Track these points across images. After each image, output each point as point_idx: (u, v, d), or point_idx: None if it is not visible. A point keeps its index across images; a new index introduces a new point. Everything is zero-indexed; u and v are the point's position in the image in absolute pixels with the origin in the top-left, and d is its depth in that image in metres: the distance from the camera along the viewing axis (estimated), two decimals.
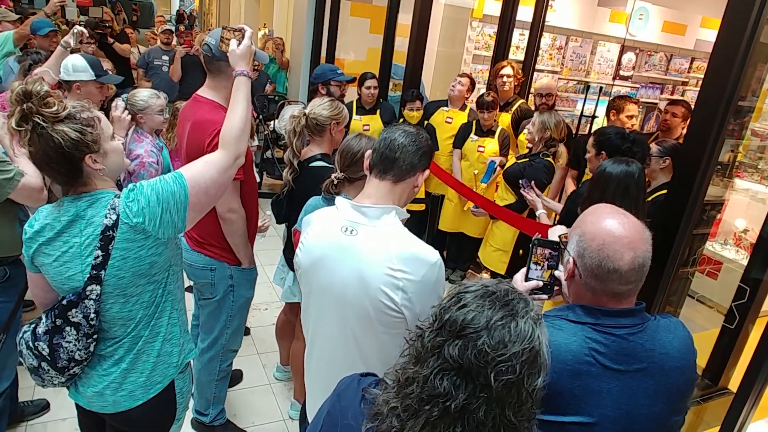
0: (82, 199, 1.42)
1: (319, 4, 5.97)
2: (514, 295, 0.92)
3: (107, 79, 2.87)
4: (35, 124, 1.32)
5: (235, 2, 11.80)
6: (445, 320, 0.89)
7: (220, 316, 2.38)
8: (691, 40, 7.07)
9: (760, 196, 4.31)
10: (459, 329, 0.87)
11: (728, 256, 4.24)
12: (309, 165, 2.42)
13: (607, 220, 1.20)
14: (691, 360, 1.26)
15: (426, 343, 0.90)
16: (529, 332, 0.87)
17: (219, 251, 2.28)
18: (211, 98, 2.13)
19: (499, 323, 0.87)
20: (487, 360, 0.84)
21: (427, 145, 1.49)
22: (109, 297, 1.43)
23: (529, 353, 0.86)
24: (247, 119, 1.67)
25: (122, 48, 6.75)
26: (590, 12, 6.40)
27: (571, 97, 6.53)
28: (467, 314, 0.88)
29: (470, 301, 0.90)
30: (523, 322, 0.88)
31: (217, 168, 1.56)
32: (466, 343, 0.86)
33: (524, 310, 0.90)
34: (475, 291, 0.92)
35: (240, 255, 2.30)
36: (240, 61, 1.77)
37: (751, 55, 1.99)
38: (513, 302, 0.90)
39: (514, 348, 0.85)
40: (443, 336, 0.88)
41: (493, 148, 4.03)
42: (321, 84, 3.67)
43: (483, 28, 5.88)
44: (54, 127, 1.33)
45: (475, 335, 0.86)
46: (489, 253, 3.67)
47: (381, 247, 1.37)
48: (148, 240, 1.42)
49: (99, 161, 1.41)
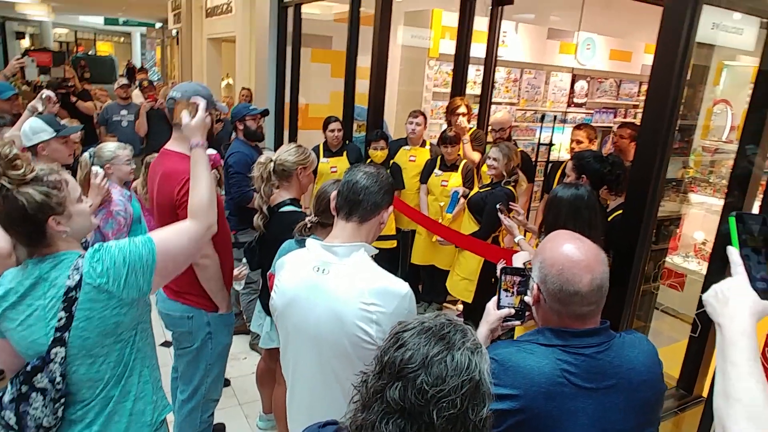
0: (45, 260, 1.41)
1: (280, 53, 6.11)
2: (450, 327, 0.91)
3: (67, 131, 2.88)
4: (0, 186, 1.33)
5: (197, 53, 11.93)
6: (385, 363, 0.89)
7: (199, 365, 2.37)
8: (637, 66, 7.44)
9: (715, 208, 4.51)
10: (398, 370, 0.87)
11: (690, 268, 4.40)
12: (279, 210, 2.47)
13: (564, 245, 1.26)
14: (657, 373, 1.30)
15: (370, 388, 0.90)
16: (465, 363, 0.87)
17: (196, 299, 2.29)
18: (178, 150, 2.18)
19: (436, 359, 0.86)
20: (427, 398, 0.84)
21: (388, 184, 1.55)
22: (74, 359, 1.40)
23: (469, 384, 0.86)
24: (212, 189, 1.71)
25: (86, 106, 6.73)
26: (540, 45, 6.70)
27: (530, 126, 6.76)
28: (405, 354, 0.88)
29: (408, 339, 0.90)
30: (459, 354, 0.87)
31: (188, 237, 1.58)
32: (405, 383, 0.86)
33: (461, 342, 0.90)
34: (412, 329, 0.92)
35: (217, 300, 2.31)
36: (195, 133, 1.82)
37: (685, 77, 2.15)
38: (449, 335, 0.90)
39: (453, 382, 0.85)
40: (384, 379, 0.88)
41: (456, 182, 4.14)
42: (238, 121, 3.80)
43: (440, 66, 6.09)
44: (19, 189, 1.34)
45: (414, 375, 0.86)
46: (456, 282, 3.72)
47: (352, 283, 1.42)
48: (112, 300, 1.40)
49: (63, 223, 1.41)
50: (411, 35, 6.11)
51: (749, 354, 0.90)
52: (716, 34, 2.76)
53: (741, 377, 0.87)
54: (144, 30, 21.74)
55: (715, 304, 0.99)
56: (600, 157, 2.82)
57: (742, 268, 1.00)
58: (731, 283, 0.99)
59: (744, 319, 0.94)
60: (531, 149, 5.85)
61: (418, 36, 6.08)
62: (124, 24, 22.29)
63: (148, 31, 20.71)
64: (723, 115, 5.02)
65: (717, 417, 0.89)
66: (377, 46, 4.13)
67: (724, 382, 0.89)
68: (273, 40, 6.14)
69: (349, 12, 4.55)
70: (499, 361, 1.20)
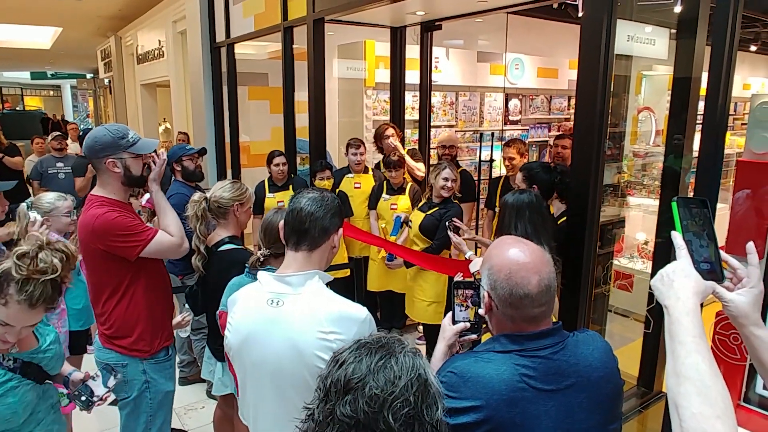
0: None
1: (216, 93, 6.07)
2: (386, 338, 0.93)
3: None
4: None
5: (131, 100, 11.69)
6: (329, 385, 0.89)
7: (140, 417, 2.25)
8: (564, 82, 7.82)
9: (652, 209, 4.74)
10: (344, 385, 0.86)
11: (637, 268, 4.57)
12: (218, 249, 2.40)
13: (509, 250, 1.27)
14: (612, 367, 1.31)
15: (318, 417, 0.88)
16: (410, 363, 0.88)
17: (129, 345, 2.20)
18: (99, 195, 2.16)
19: (380, 364, 0.87)
20: (380, 403, 0.84)
21: (335, 206, 1.52)
22: None
23: (418, 381, 0.87)
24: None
25: (13, 161, 6.45)
26: (471, 68, 6.95)
27: (470, 146, 6.94)
28: (347, 368, 0.88)
29: (347, 357, 0.90)
30: (402, 356, 0.89)
31: None
32: (354, 395, 0.85)
33: (400, 347, 0.91)
34: (348, 348, 0.92)
35: None
36: (153, 184, 2.19)
37: (610, 87, 2.26)
38: (387, 344, 0.91)
39: (402, 381, 0.86)
40: (332, 400, 0.87)
41: (405, 204, 4.17)
42: (175, 163, 3.74)
43: (378, 94, 6.19)
44: None
45: (361, 383, 0.85)
46: (423, 308, 3.66)
47: (309, 312, 1.38)
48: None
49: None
50: (346, 67, 6.21)
51: (695, 331, 0.92)
52: (632, 45, 2.94)
53: (689, 354, 0.89)
54: (74, 82, 21.20)
55: (661, 287, 1.02)
56: (548, 167, 2.93)
57: (685, 251, 1.03)
58: (675, 266, 1.03)
59: (688, 299, 0.97)
60: (473, 168, 5.98)
61: (353, 68, 6.18)
62: (53, 77, 21.68)
63: (79, 83, 20.21)
64: (647, 121, 5.32)
65: (670, 396, 0.90)
66: (313, 80, 4.17)
67: (673, 361, 0.91)
68: (208, 81, 6.10)
69: (282, 50, 4.58)
70: (457, 374, 1.19)
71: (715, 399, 0.85)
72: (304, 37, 4.24)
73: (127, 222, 2.09)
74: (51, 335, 1.83)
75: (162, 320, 2.30)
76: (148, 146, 2.22)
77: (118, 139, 2.10)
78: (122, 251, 2.09)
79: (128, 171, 2.13)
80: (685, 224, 1.05)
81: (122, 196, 2.18)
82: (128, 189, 2.20)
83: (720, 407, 0.84)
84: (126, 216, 2.11)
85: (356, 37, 5.86)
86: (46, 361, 1.75)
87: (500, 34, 5.64)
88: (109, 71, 13.17)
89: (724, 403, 0.85)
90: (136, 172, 2.16)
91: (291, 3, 4.45)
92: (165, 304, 2.34)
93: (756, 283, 1.06)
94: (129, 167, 2.13)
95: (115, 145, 2.09)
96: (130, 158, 2.12)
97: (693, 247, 1.04)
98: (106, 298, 2.20)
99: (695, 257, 1.03)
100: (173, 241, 2.17)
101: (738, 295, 1.05)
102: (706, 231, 1.06)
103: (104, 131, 2.12)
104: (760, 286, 1.06)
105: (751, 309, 1.05)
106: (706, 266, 1.03)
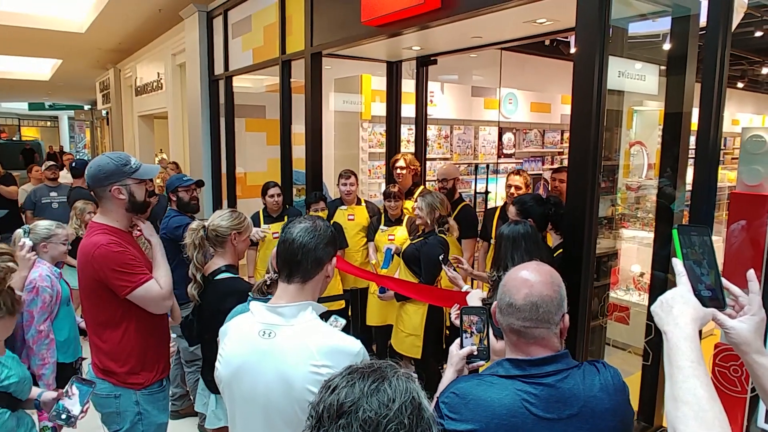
0: None
1: (213, 124, 6.13)
2: (378, 363, 0.93)
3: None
4: None
5: (128, 131, 11.77)
6: (321, 411, 0.87)
7: None
8: (557, 116, 7.96)
9: (646, 241, 4.75)
10: (337, 410, 0.85)
11: (633, 300, 4.55)
12: (214, 278, 2.38)
13: (522, 271, 1.31)
14: (621, 399, 1.29)
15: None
16: (404, 386, 0.87)
17: (122, 376, 2.16)
18: (101, 222, 2.17)
19: (373, 387, 0.86)
20: (374, 426, 0.83)
21: (328, 235, 1.48)
22: None
23: (412, 405, 0.86)
24: None
25: (8, 191, 6.45)
26: (466, 102, 7.07)
27: (465, 179, 7.00)
28: (340, 393, 0.87)
29: (338, 382, 0.89)
30: (395, 379, 0.88)
31: None
32: (348, 419, 0.84)
33: (393, 371, 0.91)
34: (340, 374, 0.91)
35: None
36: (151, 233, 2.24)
37: (603, 121, 2.30)
38: (380, 369, 0.91)
39: (396, 404, 0.85)
40: (325, 426, 0.85)
41: (403, 235, 4.17)
42: (171, 193, 3.75)
43: (374, 127, 6.27)
44: None
45: (355, 407, 0.84)
46: (402, 339, 3.62)
47: (301, 344, 1.36)
48: None
49: None
50: (343, 101, 6.30)
51: (693, 356, 0.93)
52: (623, 81, 3.01)
53: (686, 379, 0.90)
54: (72, 113, 21.35)
55: (660, 313, 1.02)
56: (541, 200, 2.93)
57: (685, 278, 1.04)
58: (675, 293, 1.03)
59: (686, 325, 0.97)
60: (469, 199, 6.02)
61: (349, 101, 6.27)
62: (51, 108, 21.82)
63: (77, 114, 20.35)
64: (639, 155, 5.39)
65: (668, 421, 0.90)
66: (310, 113, 4.22)
67: (671, 386, 0.91)
68: (206, 113, 6.17)
69: (279, 83, 4.65)
70: (459, 395, 1.20)
71: (711, 423, 0.85)
72: (301, 70, 4.32)
73: (127, 259, 2.08)
74: (8, 361, 1.84)
75: (157, 352, 2.26)
76: (151, 171, 2.26)
77: (121, 166, 2.12)
78: (114, 286, 2.08)
79: (133, 197, 2.15)
80: (685, 252, 1.06)
81: (124, 224, 2.19)
82: (131, 216, 2.21)
83: (717, 431, 0.84)
84: (126, 252, 2.10)
85: (353, 71, 5.97)
86: (14, 387, 1.72)
87: (494, 70, 5.76)
88: (108, 102, 13.29)
89: (721, 428, 0.85)
90: (140, 198, 2.18)
91: (289, 37, 4.54)
92: (161, 336, 2.30)
93: (757, 311, 1.06)
94: (133, 193, 2.15)
95: (119, 173, 2.11)
96: (134, 184, 2.15)
97: (693, 274, 1.04)
98: (100, 328, 2.17)
99: (695, 284, 1.03)
100: (160, 293, 2.15)
101: (740, 323, 1.06)
102: (706, 259, 1.06)
103: (107, 159, 2.13)
104: (762, 313, 1.07)
105: (752, 336, 1.05)
106: (707, 293, 1.03)
